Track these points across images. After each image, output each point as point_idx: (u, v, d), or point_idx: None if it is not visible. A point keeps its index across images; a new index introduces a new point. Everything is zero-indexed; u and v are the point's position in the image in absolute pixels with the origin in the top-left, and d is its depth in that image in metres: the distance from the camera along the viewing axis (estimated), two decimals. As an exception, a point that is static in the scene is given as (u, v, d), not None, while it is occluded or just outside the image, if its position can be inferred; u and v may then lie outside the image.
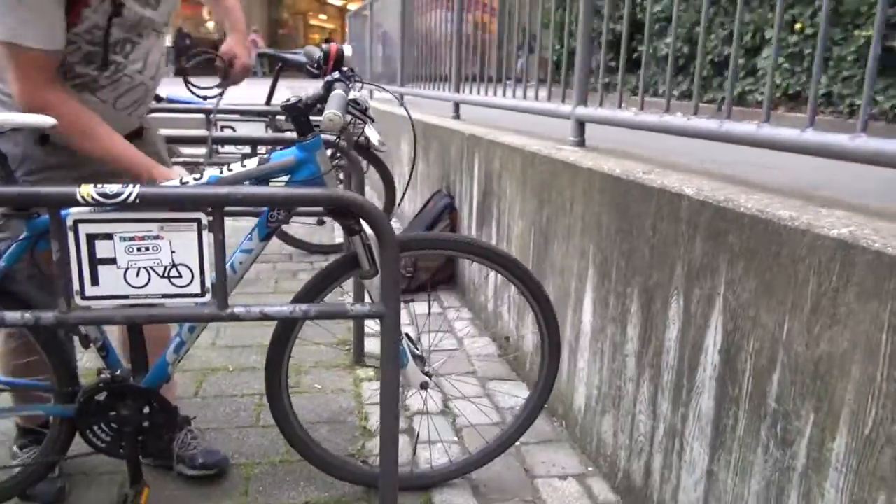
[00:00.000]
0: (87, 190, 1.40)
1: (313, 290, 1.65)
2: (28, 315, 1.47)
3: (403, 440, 2.17)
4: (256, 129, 3.77)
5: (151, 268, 1.49)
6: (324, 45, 1.52)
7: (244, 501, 1.86)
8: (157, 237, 1.48)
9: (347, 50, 1.53)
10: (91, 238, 1.45)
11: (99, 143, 1.56)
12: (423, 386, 1.78)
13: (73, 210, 1.43)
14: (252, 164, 1.50)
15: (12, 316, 1.48)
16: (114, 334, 1.82)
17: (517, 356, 2.70)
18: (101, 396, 1.61)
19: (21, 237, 1.50)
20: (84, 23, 1.51)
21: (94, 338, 1.61)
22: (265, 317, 1.55)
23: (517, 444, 2.17)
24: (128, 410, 1.63)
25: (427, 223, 3.47)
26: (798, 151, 1.51)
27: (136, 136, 1.85)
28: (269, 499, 1.88)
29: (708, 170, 1.94)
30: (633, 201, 1.84)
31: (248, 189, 1.47)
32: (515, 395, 2.47)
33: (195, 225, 1.48)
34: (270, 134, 3.29)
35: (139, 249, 1.47)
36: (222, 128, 3.63)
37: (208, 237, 1.49)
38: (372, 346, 2.85)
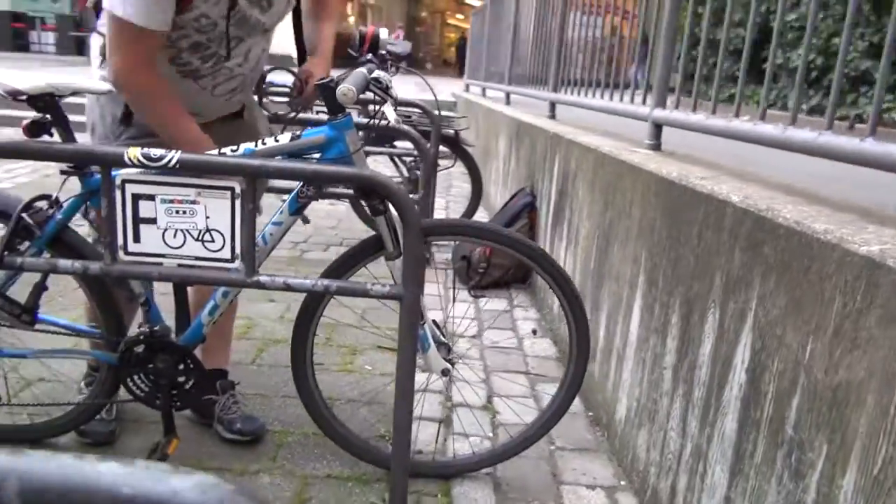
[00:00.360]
0: (134, 152, 1.50)
1: (340, 268, 1.69)
2: (77, 264, 1.60)
3: (435, 427, 2.18)
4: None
5: (187, 230, 1.57)
6: (361, 28, 1.55)
7: (270, 466, 1.93)
8: (193, 202, 1.56)
9: (383, 33, 1.55)
10: (136, 198, 1.55)
11: (178, 130, 1.65)
12: (445, 373, 1.78)
13: (123, 171, 1.54)
14: (284, 139, 1.55)
15: (64, 263, 1.61)
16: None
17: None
18: (140, 349, 1.72)
19: (79, 192, 1.64)
20: (193, 11, 1.60)
21: (139, 293, 1.72)
22: (288, 287, 1.60)
23: (552, 448, 2.12)
24: (163, 364, 1.74)
25: (505, 220, 3.44)
26: (856, 162, 1.37)
27: (237, 115, 1.95)
28: (295, 467, 1.94)
29: (774, 180, 1.80)
30: (683, 207, 1.75)
31: (278, 162, 1.52)
32: (562, 399, 2.40)
33: (229, 193, 1.55)
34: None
35: (177, 212, 1.56)
36: (317, 112, 3.76)
37: (241, 206, 1.55)
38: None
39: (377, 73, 1.42)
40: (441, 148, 3.84)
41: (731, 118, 1.88)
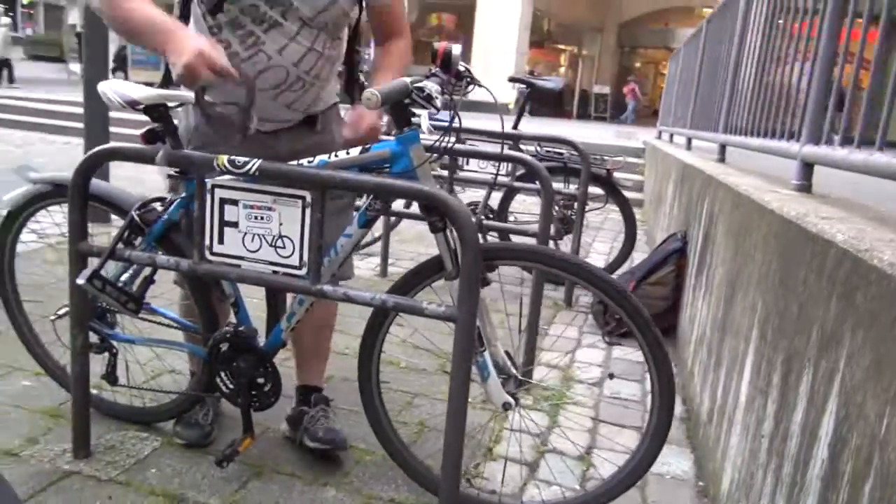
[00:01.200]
0: (221, 159, 1.62)
1: (404, 286, 1.67)
2: (172, 260, 1.75)
3: (516, 469, 2.05)
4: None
5: (263, 235, 1.65)
6: (435, 44, 1.54)
7: (340, 481, 1.93)
8: (270, 208, 1.64)
9: (455, 49, 1.52)
10: (223, 202, 1.66)
11: (127, 7, 1.56)
12: (506, 406, 1.67)
13: (217, 178, 1.66)
14: (355, 152, 1.57)
15: (161, 259, 1.76)
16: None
17: (689, 421, 2.36)
18: (225, 347, 1.82)
19: (182, 195, 1.79)
20: None
21: (228, 293, 1.83)
22: (348, 298, 1.61)
23: (643, 513, 1.91)
24: (244, 364, 1.82)
25: (650, 264, 3.21)
26: None
27: (310, 130, 1.88)
28: (363, 486, 1.92)
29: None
30: (795, 249, 1.51)
31: (344, 175, 1.54)
32: (670, 462, 2.16)
33: (300, 202, 1.60)
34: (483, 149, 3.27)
35: (256, 218, 1.65)
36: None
37: (310, 215, 1.60)
38: (541, 375, 2.74)
39: (423, 84, 1.39)
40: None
41: (872, 151, 1.60)
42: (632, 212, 3.75)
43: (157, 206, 1.85)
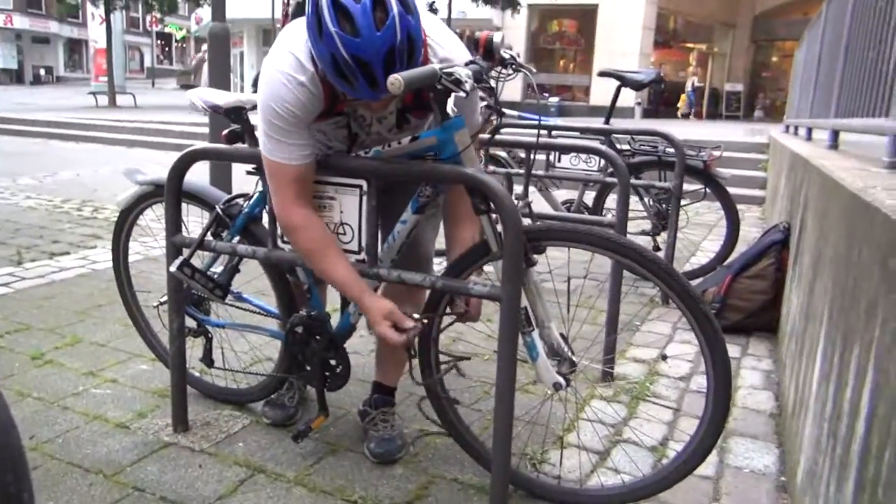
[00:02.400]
0: (289, 153, 1.75)
1: (454, 269, 1.73)
2: (249, 249, 1.91)
3: (586, 458, 2.05)
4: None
5: (326, 223, 1.77)
6: (477, 33, 1.58)
7: (408, 460, 2.01)
8: (331, 197, 1.76)
9: (496, 37, 1.55)
10: (291, 194, 1.80)
11: (322, 266, 1.70)
12: (557, 387, 1.68)
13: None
14: (405, 141, 1.65)
15: (241, 248, 1.93)
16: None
17: (779, 416, 2.25)
18: (299, 330, 1.95)
19: (260, 190, 1.95)
20: (318, 124, 1.70)
21: (302, 280, 1.96)
22: (401, 281, 1.70)
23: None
24: (316, 346, 1.94)
25: (747, 257, 3.07)
26: None
27: None
28: (429, 465, 1.99)
29: None
30: (857, 221, 1.43)
31: (391, 164, 1.63)
32: (749, 457, 2.07)
33: (357, 191, 1.71)
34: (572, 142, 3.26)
35: (320, 207, 1.77)
36: (562, 145, 3.80)
37: (367, 202, 1.70)
38: (626, 369, 2.70)
39: (452, 69, 1.43)
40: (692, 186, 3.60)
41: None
42: (734, 206, 3.59)
43: (241, 201, 2.02)
